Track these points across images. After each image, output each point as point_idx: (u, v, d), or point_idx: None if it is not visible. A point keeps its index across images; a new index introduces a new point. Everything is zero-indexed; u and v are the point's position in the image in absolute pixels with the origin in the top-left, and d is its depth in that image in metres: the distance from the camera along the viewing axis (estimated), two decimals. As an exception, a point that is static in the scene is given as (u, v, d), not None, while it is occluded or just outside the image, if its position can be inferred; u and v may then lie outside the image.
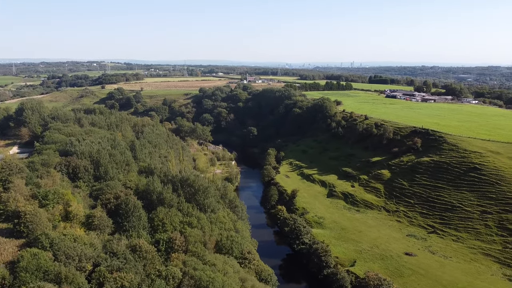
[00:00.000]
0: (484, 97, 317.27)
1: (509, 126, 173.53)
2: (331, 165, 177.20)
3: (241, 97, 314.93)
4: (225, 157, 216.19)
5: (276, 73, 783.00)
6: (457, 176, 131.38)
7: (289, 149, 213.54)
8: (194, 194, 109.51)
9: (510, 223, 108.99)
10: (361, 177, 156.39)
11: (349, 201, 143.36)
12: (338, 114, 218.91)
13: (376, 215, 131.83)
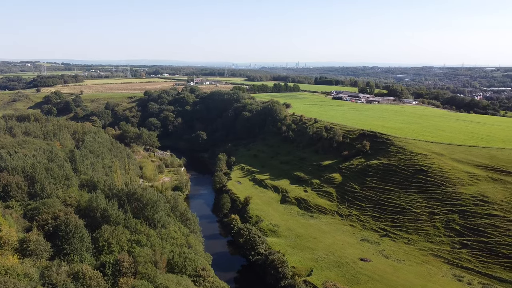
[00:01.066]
0: (423, 97, 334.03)
1: (449, 127, 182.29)
2: (283, 169, 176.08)
3: (189, 100, 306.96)
4: (174, 163, 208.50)
5: (223, 74, 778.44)
6: (405, 179, 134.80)
7: (240, 154, 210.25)
8: (142, 209, 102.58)
9: (456, 223, 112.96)
10: (313, 182, 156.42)
11: (302, 207, 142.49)
12: (288, 117, 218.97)
13: (329, 220, 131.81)
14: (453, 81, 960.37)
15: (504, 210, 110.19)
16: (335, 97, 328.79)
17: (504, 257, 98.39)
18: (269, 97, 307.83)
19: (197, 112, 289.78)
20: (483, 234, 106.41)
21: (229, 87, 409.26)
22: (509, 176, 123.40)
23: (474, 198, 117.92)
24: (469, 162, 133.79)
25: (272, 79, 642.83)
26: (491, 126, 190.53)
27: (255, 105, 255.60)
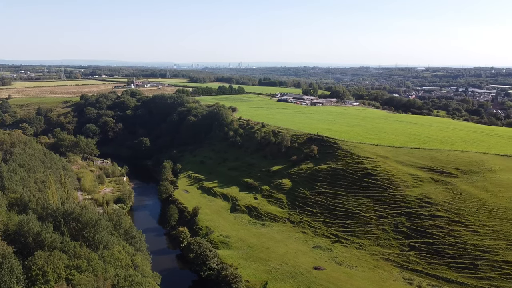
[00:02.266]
0: (363, 99, 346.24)
1: (391, 130, 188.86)
2: (232, 176, 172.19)
3: (130, 104, 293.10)
4: (115, 172, 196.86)
5: (165, 75, 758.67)
6: (353, 183, 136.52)
7: (186, 160, 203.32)
8: (82, 229, 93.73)
9: (403, 225, 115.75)
10: (263, 188, 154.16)
11: (253, 215, 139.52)
12: (235, 122, 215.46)
13: (281, 227, 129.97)
14: (388, 81, 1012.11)
15: (447, 211, 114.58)
16: (280, 99, 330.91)
17: (449, 257, 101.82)
18: (214, 100, 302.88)
19: (139, 117, 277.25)
20: (429, 235, 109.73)
21: (172, 89, 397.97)
22: (449, 177, 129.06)
23: (419, 200, 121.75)
24: (412, 164, 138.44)
25: (216, 80, 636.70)
26: (429, 127, 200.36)
27: (200, 109, 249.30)
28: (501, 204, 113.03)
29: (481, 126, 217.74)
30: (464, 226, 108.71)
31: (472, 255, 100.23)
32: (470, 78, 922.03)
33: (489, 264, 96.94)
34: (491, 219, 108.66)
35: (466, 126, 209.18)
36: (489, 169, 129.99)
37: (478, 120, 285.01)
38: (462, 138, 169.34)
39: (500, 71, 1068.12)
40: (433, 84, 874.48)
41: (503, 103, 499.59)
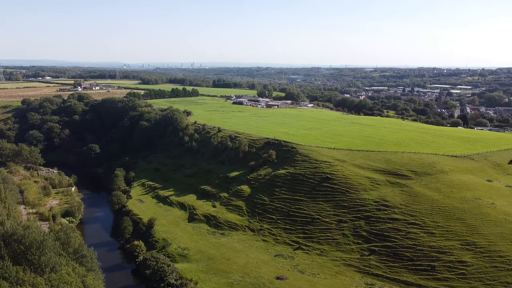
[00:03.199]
0: (317, 100, 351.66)
1: (346, 132, 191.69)
2: (188, 183, 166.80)
3: (77, 109, 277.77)
4: (63, 182, 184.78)
5: (115, 76, 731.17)
6: (312, 188, 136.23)
7: (140, 168, 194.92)
8: (25, 252, 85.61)
9: (363, 229, 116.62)
10: (222, 195, 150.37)
11: (212, 224, 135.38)
12: (190, 126, 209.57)
13: (241, 236, 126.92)
14: (339, 81, 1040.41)
15: (404, 213, 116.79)
16: (236, 102, 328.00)
17: (408, 260, 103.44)
18: (168, 103, 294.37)
19: (87, 122, 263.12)
20: (387, 238, 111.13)
21: (123, 92, 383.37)
22: (404, 179, 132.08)
23: (376, 203, 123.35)
24: (369, 167, 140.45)
25: (169, 82, 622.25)
26: (381, 128, 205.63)
27: (154, 113, 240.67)
28: (453, 204, 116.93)
29: (430, 127, 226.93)
30: (421, 228, 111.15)
31: (429, 256, 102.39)
32: (415, 78, 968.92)
33: (445, 265, 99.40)
34: (445, 220, 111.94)
35: (416, 127, 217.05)
36: (441, 170, 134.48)
37: (425, 120, 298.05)
38: (414, 139, 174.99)
39: (442, 71, 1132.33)
40: (381, 84, 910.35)
41: (446, 102, 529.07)
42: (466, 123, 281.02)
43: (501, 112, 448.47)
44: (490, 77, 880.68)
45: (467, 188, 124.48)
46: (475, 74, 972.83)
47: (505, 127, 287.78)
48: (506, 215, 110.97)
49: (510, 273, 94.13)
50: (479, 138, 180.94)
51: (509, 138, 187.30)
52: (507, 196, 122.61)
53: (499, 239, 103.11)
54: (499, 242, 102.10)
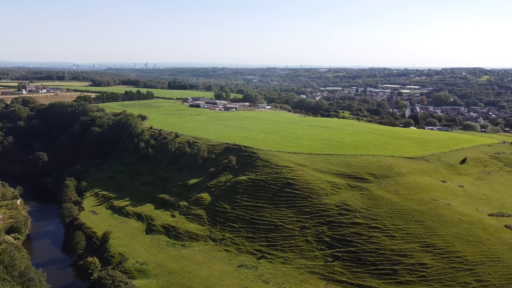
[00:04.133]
0: (275, 102, 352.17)
1: (305, 135, 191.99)
2: (145, 192, 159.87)
3: (22, 115, 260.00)
4: (6, 195, 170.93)
5: (63, 77, 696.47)
6: (274, 194, 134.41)
7: (93, 176, 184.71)
8: (-39, 280, 77.02)
9: (326, 235, 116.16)
10: (181, 204, 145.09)
11: (172, 235, 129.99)
12: (145, 132, 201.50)
13: (203, 247, 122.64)
14: (295, 82, 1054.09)
15: (365, 217, 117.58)
16: (193, 105, 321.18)
17: (371, 265, 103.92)
18: (121, 107, 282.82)
19: (34, 128, 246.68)
20: (350, 243, 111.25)
21: (72, 95, 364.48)
22: (364, 182, 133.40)
23: (338, 208, 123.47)
24: (329, 171, 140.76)
25: (122, 83, 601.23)
26: (339, 131, 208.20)
27: (106, 118, 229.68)
28: (411, 206, 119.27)
29: (385, 128, 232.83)
30: (382, 232, 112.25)
31: (391, 260, 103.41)
32: (367, 79, 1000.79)
33: (407, 268, 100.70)
34: (404, 223, 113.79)
35: (372, 129, 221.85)
36: (399, 173, 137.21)
37: (379, 120, 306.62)
38: (371, 141, 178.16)
39: (392, 71, 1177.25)
40: (336, 85, 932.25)
41: (397, 102, 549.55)
42: (417, 123, 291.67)
43: (448, 111, 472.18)
44: (436, 77, 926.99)
45: (423, 190, 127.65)
46: (422, 74, 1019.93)
47: (452, 126, 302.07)
48: (461, 215, 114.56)
49: (467, 273, 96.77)
50: (431, 139, 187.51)
51: (459, 138, 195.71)
52: (461, 196, 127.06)
53: (456, 239, 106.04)
54: (456, 242, 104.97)
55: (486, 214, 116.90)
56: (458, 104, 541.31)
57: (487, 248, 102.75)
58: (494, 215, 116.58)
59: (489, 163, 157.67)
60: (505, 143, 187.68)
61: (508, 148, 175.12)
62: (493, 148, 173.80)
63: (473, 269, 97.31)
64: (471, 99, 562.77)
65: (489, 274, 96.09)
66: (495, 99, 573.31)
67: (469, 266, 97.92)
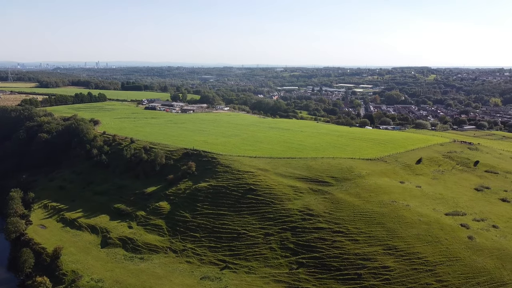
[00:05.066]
0: (233, 103, 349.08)
1: (266, 138, 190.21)
2: (100, 202, 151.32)
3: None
4: None
5: (7, 78, 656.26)
6: (236, 200, 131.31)
7: (41, 187, 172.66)
8: None
9: (290, 241, 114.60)
10: (138, 214, 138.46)
11: (129, 248, 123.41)
12: (98, 138, 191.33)
13: (163, 259, 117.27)
14: (251, 81, 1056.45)
15: (328, 222, 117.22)
16: (148, 107, 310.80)
17: (335, 270, 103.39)
18: (72, 110, 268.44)
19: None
20: (314, 249, 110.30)
21: (17, 98, 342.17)
22: (326, 186, 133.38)
23: (301, 213, 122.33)
24: (291, 176, 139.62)
25: (71, 84, 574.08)
26: (299, 132, 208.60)
27: (55, 123, 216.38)
28: (373, 209, 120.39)
29: (343, 129, 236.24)
30: (345, 236, 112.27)
31: (355, 264, 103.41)
32: (322, 78, 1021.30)
33: (371, 271, 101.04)
34: (367, 226, 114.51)
35: (330, 130, 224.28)
36: (359, 175, 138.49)
37: (336, 120, 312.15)
38: (330, 143, 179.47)
39: (345, 71, 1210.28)
40: (292, 84, 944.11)
41: (352, 101, 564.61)
42: (372, 122, 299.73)
43: (399, 109, 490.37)
44: (387, 76, 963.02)
45: (383, 192, 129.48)
46: (374, 73, 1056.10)
47: (405, 125, 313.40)
48: (420, 216, 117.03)
49: (428, 274, 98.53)
50: (388, 139, 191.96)
51: (413, 138, 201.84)
52: (418, 197, 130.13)
53: (416, 241, 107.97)
54: (416, 243, 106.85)
55: (443, 214, 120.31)
56: (408, 103, 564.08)
57: (446, 248, 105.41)
58: (450, 214, 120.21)
59: (443, 162, 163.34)
60: (456, 141, 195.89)
61: (459, 147, 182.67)
62: (445, 147, 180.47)
63: (433, 269, 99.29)
64: (420, 98, 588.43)
65: (449, 273, 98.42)
66: (442, 97, 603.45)
67: (430, 267, 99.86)
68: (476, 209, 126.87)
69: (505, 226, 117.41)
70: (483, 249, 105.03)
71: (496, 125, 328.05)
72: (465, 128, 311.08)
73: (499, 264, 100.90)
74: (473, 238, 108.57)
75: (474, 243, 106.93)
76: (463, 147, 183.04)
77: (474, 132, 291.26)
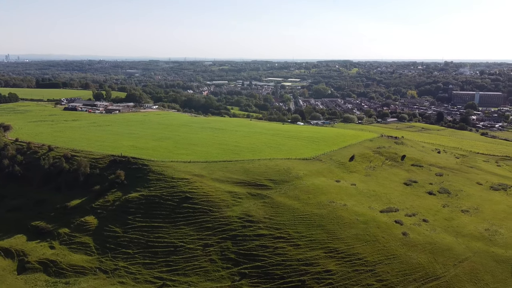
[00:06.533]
0: (162, 101, 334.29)
1: (199, 140, 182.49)
2: (14, 219, 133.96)
3: None
4: None
5: None
6: (172, 210, 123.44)
7: None
8: None
9: (231, 251, 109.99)
10: (61, 232, 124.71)
11: (52, 272, 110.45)
12: (10, 146, 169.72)
13: (92, 282, 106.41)
14: (180, 76, 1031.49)
15: (269, 228, 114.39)
16: (68, 108, 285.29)
17: (279, 279, 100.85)
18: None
19: None
20: (256, 258, 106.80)
21: None
22: (264, 189, 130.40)
23: (241, 220, 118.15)
24: (229, 180, 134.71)
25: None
26: (234, 132, 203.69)
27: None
28: (312, 211, 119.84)
29: (277, 127, 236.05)
30: (287, 241, 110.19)
31: (298, 271, 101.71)
32: (251, 72, 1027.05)
33: (314, 277, 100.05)
34: (307, 229, 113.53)
35: (265, 128, 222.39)
36: (296, 176, 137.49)
37: (268, 117, 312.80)
38: (266, 143, 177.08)
39: (274, 64, 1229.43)
40: (221, 78, 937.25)
41: (282, 95, 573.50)
42: (304, 118, 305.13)
43: (327, 103, 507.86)
44: (314, 70, 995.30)
45: (321, 192, 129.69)
46: (301, 67, 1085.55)
47: (334, 119, 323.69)
48: (357, 215, 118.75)
49: (368, 274, 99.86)
50: (321, 137, 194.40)
51: (345, 134, 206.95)
52: (354, 195, 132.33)
53: (355, 241, 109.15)
54: (356, 244, 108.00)
55: (378, 211, 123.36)
56: (335, 96, 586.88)
57: (383, 246, 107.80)
58: (385, 211, 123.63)
59: (373, 158, 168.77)
60: (383, 136, 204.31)
61: (386, 142, 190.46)
62: (374, 143, 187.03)
63: (373, 269, 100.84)
64: (345, 91, 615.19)
65: (388, 272, 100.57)
66: (365, 90, 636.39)
67: (370, 267, 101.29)
68: (407, 204, 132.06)
69: (434, 219, 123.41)
70: (417, 245, 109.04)
71: (415, 117, 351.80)
72: (388, 120, 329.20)
73: (431, 258, 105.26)
74: (407, 234, 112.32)
75: (408, 239, 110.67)
76: (390, 142, 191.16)
77: (396, 124, 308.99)
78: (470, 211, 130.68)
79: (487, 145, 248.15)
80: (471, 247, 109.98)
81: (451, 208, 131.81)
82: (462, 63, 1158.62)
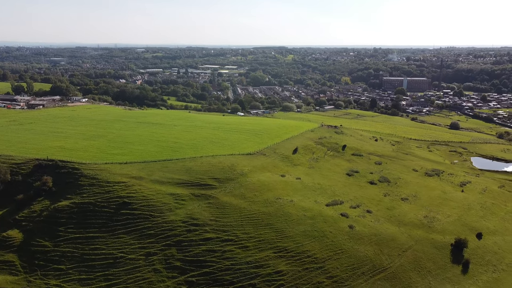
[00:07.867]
0: (92, 93, 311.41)
1: (136, 137, 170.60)
2: None
3: None
4: None
5: None
6: (109, 218, 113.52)
7: None
8: None
9: (176, 259, 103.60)
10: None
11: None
12: None
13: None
14: (110, 63, 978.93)
15: (216, 230, 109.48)
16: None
17: (229, 284, 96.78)
18: None
19: None
20: (204, 264, 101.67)
21: None
22: (209, 189, 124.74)
23: (185, 224, 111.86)
24: (170, 181, 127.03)
25: None
26: (172, 127, 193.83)
27: None
28: (259, 210, 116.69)
29: (218, 120, 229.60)
30: (235, 244, 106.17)
31: (248, 274, 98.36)
32: (187, 59, 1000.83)
33: (264, 279, 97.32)
34: (255, 229, 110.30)
35: (205, 122, 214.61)
36: (241, 173, 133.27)
37: (208, 107, 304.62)
38: (208, 138, 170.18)
39: (209, 51, 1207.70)
40: (156, 66, 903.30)
41: (220, 84, 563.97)
42: (243, 108, 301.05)
43: (265, 91, 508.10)
44: (250, 57, 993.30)
45: (267, 189, 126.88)
46: (237, 54, 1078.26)
47: (274, 108, 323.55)
48: (304, 211, 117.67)
49: (319, 271, 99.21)
50: (263, 129, 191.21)
51: (286, 126, 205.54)
52: (300, 190, 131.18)
53: (304, 238, 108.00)
54: (305, 241, 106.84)
55: (324, 205, 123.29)
56: (272, 84, 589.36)
57: (331, 241, 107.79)
58: (330, 205, 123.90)
59: (316, 149, 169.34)
60: (323, 126, 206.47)
61: (327, 132, 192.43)
62: (316, 134, 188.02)
63: (323, 266, 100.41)
64: (282, 78, 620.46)
65: (337, 268, 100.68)
66: (301, 77, 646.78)
67: (319, 264, 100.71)
68: (350, 195, 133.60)
69: (377, 209, 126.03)
70: (363, 237, 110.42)
71: (350, 103, 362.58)
72: (326, 108, 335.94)
73: (377, 250, 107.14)
74: (353, 227, 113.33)
75: (354, 232, 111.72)
76: (331, 132, 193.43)
77: (334, 112, 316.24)
78: (409, 198, 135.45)
79: (418, 130, 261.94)
80: (413, 235, 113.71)
81: (392, 197, 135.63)
82: (390, 49, 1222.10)
